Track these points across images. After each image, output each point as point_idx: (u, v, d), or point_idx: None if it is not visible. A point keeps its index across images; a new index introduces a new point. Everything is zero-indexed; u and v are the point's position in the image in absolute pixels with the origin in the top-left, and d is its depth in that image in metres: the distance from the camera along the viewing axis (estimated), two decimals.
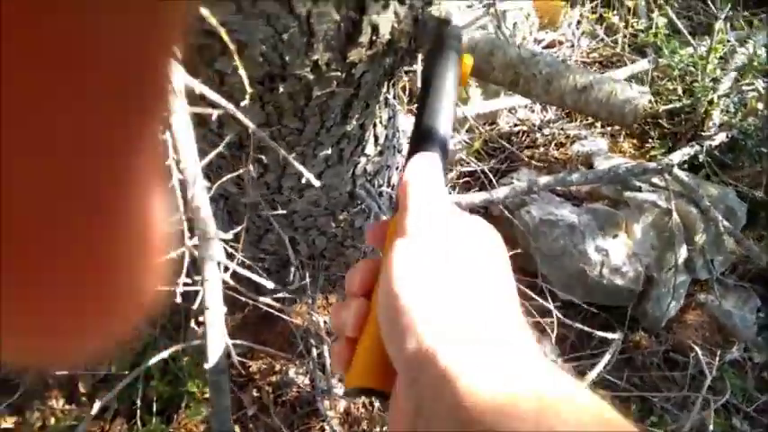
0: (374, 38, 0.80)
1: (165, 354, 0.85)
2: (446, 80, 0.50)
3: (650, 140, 2.10)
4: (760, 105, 1.78)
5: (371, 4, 0.75)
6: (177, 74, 0.59)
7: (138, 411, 1.35)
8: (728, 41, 2.03)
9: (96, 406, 0.93)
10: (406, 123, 1.72)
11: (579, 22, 2.30)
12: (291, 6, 0.66)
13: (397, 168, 1.48)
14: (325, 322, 1.55)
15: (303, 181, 0.93)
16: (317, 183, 0.79)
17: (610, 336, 1.47)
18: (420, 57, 1.03)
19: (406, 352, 0.30)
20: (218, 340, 0.64)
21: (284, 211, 1.18)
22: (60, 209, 0.13)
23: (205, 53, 0.68)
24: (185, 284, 0.66)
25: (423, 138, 0.45)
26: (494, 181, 1.72)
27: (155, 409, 1.39)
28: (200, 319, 0.65)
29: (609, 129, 2.18)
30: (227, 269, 0.66)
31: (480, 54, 0.87)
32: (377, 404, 1.48)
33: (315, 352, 1.42)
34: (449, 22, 0.88)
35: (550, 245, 1.67)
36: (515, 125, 2.18)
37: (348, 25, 0.75)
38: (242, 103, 0.65)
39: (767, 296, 1.77)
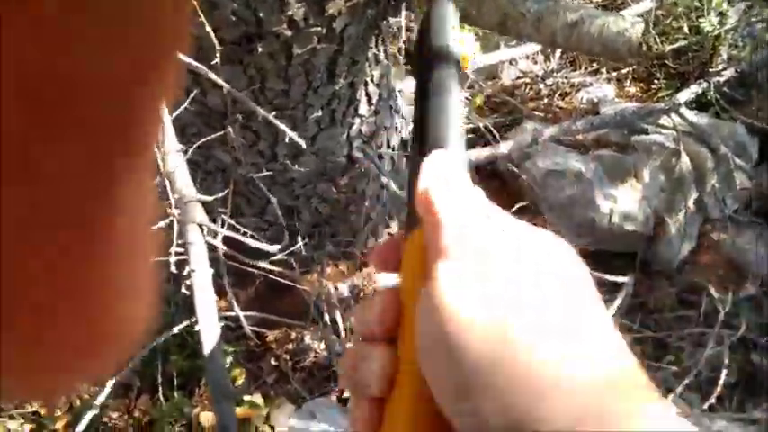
0: None
1: (175, 330, 0.86)
2: (448, 86, 0.40)
3: (657, 82, 2.04)
4: None
5: None
6: None
7: (160, 387, 1.38)
8: None
9: (109, 384, 0.95)
10: (403, 84, 1.69)
11: None
12: None
13: (396, 129, 1.46)
14: (336, 287, 1.56)
15: (298, 146, 0.93)
16: (303, 143, 0.78)
17: (620, 279, 1.45)
18: (404, 12, 1.00)
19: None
20: (207, 302, 0.64)
21: (282, 180, 1.18)
22: (47, 238, 0.12)
23: None
24: (177, 254, 0.67)
25: (432, 133, 0.35)
26: (497, 136, 1.69)
27: (176, 383, 1.42)
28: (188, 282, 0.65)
29: (615, 74, 2.12)
30: (220, 236, 0.66)
31: None
32: None
33: (327, 317, 1.43)
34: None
35: (557, 195, 1.64)
36: (518, 78, 2.13)
37: None
38: (212, 62, 0.64)
39: None
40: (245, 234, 1.16)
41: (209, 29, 0.60)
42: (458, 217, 0.28)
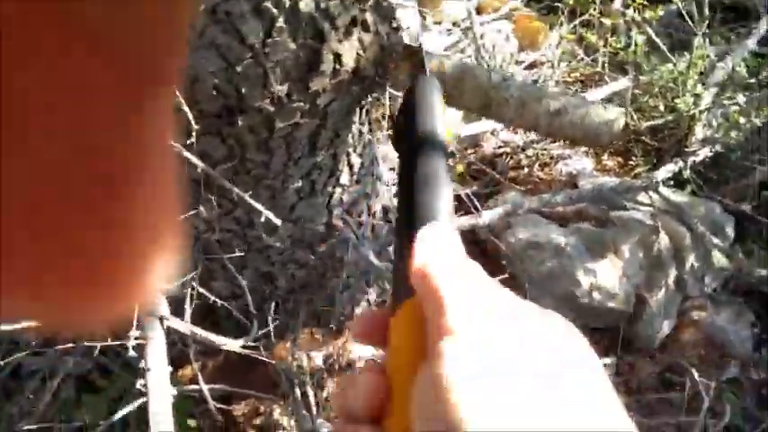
0: (337, 66, 0.78)
1: (130, 407, 0.80)
2: (437, 170, 0.38)
3: (634, 158, 2.08)
4: (742, 119, 1.77)
5: (331, 32, 0.72)
6: None
7: None
8: (708, 56, 2.04)
9: None
10: (386, 149, 1.70)
11: (559, 43, 2.30)
12: (242, 37, 0.63)
13: (377, 196, 1.45)
14: (309, 357, 1.50)
15: (276, 215, 0.90)
16: (277, 221, 0.75)
17: (603, 361, 1.42)
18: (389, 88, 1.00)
19: None
20: (161, 405, 0.59)
21: (258, 246, 1.14)
22: (76, 176, 0.13)
23: None
24: (137, 338, 0.62)
25: (423, 206, 0.34)
26: (478, 205, 1.69)
27: None
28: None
29: (592, 148, 2.16)
30: (187, 315, 0.62)
31: (449, 80, 0.84)
32: None
33: (298, 391, 1.36)
34: (418, 50, 0.86)
35: (538, 268, 1.63)
36: (499, 146, 2.16)
37: (308, 54, 0.73)
38: (188, 141, 0.62)
39: (761, 311, 1.73)
40: (214, 304, 1.12)
41: (185, 108, 0.58)
42: (461, 295, 0.26)
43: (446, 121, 0.45)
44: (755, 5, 2.43)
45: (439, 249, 0.29)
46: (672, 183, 1.90)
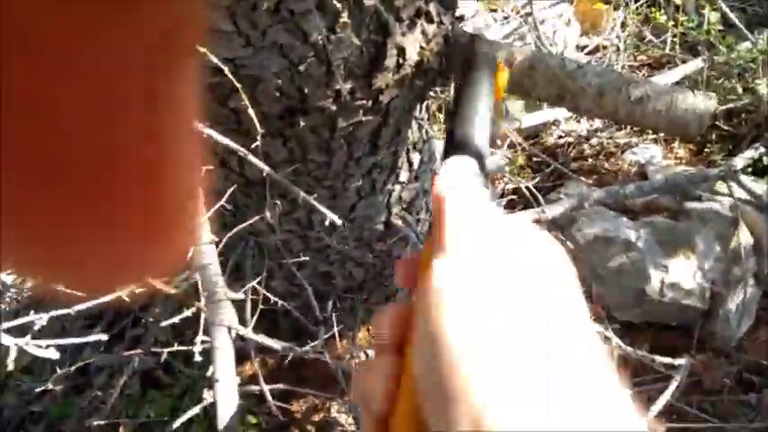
0: (401, 61, 0.74)
1: (196, 409, 0.79)
2: (479, 94, 0.43)
3: (708, 144, 1.95)
4: None
5: (395, 25, 0.68)
6: None
7: None
8: None
9: None
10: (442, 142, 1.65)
11: (624, 24, 2.17)
12: (305, 35, 0.60)
13: None
14: (367, 355, 1.48)
15: (336, 214, 0.87)
16: (338, 221, 0.72)
17: (676, 362, 1.33)
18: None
19: None
20: (228, 415, 0.57)
21: (317, 246, 1.12)
22: (114, 136, 0.13)
23: (217, 91, 0.63)
24: (203, 342, 0.61)
25: (454, 146, 0.37)
26: (540, 198, 1.62)
27: None
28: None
29: (662, 134, 2.04)
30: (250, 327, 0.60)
31: (520, 69, 0.79)
32: None
33: None
34: (480, 37, 0.81)
35: (606, 264, 1.55)
36: (560, 137, 2.07)
37: (371, 50, 0.69)
38: (253, 145, 0.59)
39: None
40: (275, 305, 1.11)
41: (251, 111, 0.56)
42: (461, 216, 0.28)
43: (500, 69, 0.46)
44: None
45: (456, 182, 0.31)
46: (750, 171, 1.77)
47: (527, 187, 1.67)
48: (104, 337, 0.87)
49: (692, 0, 2.16)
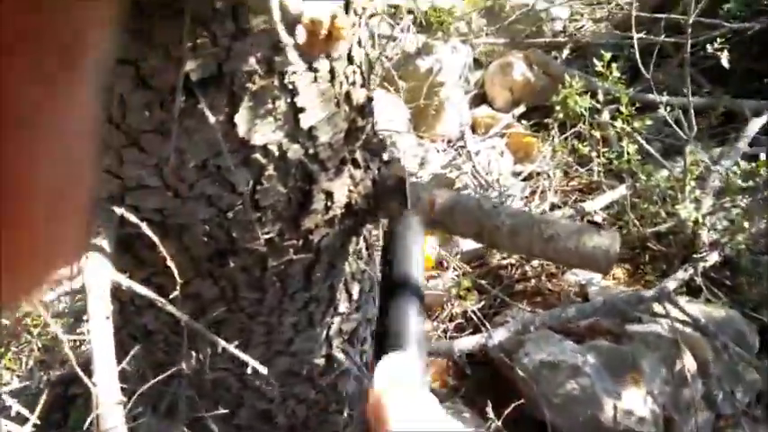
0: (329, 203, 0.77)
1: None
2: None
3: (642, 265, 2.05)
4: (746, 224, 1.75)
5: (321, 173, 0.72)
6: (103, 271, 0.54)
7: None
8: (702, 161, 2.06)
9: None
10: None
11: (554, 152, 2.35)
12: (233, 186, 0.63)
13: None
14: None
15: (272, 350, 0.85)
16: (263, 369, 0.71)
17: None
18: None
19: None
20: None
21: (254, 384, 1.08)
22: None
23: (144, 239, 0.64)
24: None
25: (391, 333, 0.38)
26: (486, 323, 1.63)
27: None
28: None
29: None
30: None
31: (443, 209, 0.84)
32: None
33: None
34: (407, 179, 0.86)
35: (555, 390, 1.53)
36: (503, 257, 2.14)
37: (298, 195, 0.72)
38: (171, 296, 0.60)
39: None
40: None
41: (171, 263, 0.57)
42: (400, 418, 0.28)
43: (421, 262, 0.48)
44: (741, 108, 2.50)
45: (395, 381, 0.31)
46: (685, 290, 1.84)
47: (473, 311, 1.69)
48: None
49: (613, 132, 2.37)
